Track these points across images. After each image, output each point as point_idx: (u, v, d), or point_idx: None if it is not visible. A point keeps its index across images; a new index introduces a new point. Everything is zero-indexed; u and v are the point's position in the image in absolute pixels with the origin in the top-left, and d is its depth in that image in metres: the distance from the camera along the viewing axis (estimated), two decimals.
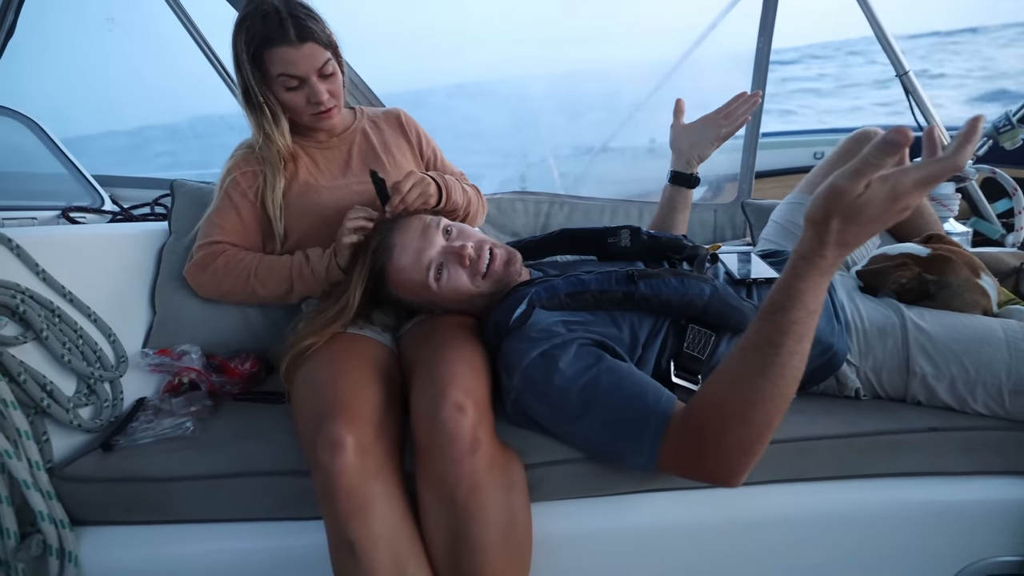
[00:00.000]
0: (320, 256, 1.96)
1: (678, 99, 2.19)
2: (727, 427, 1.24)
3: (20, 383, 1.54)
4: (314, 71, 1.92)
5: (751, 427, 1.22)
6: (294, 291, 1.99)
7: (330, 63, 1.95)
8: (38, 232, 2.10)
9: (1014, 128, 2.96)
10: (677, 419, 1.32)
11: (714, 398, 1.27)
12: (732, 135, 2.11)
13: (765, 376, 1.19)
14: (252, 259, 2.00)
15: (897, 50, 3.12)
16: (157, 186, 3.58)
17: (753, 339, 1.21)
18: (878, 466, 1.58)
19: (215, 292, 2.05)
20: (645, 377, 1.42)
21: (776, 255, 1.91)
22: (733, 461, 1.26)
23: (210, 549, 1.55)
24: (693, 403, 1.31)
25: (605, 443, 1.41)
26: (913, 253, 1.80)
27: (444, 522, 1.36)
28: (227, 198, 2.03)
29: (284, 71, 1.90)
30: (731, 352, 1.26)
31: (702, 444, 1.28)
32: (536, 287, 1.64)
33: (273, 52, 1.88)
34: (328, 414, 1.40)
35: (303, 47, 1.88)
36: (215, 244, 2.01)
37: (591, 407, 1.41)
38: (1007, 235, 3.05)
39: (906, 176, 1.06)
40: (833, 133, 4.96)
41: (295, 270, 1.97)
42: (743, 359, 1.22)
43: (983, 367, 1.56)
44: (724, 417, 1.25)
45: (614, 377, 1.41)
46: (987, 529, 1.59)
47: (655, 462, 1.34)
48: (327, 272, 1.93)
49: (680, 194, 2.21)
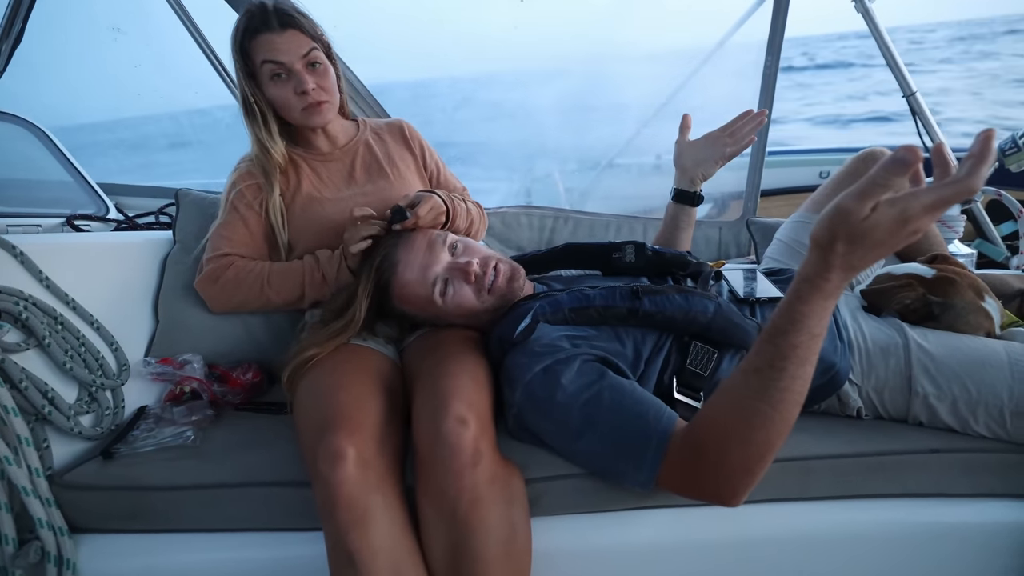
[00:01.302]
0: (330, 259, 1.97)
1: (685, 114, 2.18)
2: (728, 448, 1.24)
3: (21, 390, 1.54)
4: (298, 58, 1.93)
5: (752, 448, 1.22)
6: (306, 296, 2.00)
7: (316, 54, 1.96)
8: (42, 239, 2.10)
9: (1020, 151, 2.95)
10: (678, 438, 1.32)
11: (716, 419, 1.26)
12: (737, 155, 2.09)
13: (766, 399, 1.18)
14: (263, 268, 2.01)
15: (904, 71, 3.12)
16: (162, 195, 3.58)
17: (755, 361, 1.20)
18: (879, 487, 1.58)
19: (226, 304, 2.05)
20: (647, 395, 1.42)
21: (780, 273, 1.91)
22: (734, 481, 1.25)
23: (209, 559, 1.55)
24: (695, 423, 1.31)
25: (606, 460, 1.41)
26: (918, 274, 1.80)
27: (444, 535, 1.36)
28: (234, 210, 2.04)
29: (267, 57, 1.92)
30: (733, 373, 1.25)
31: (703, 464, 1.28)
32: (540, 301, 1.64)
33: (257, 40, 1.92)
34: (330, 425, 1.40)
35: (285, 33, 1.91)
36: (224, 256, 2.01)
37: (592, 424, 1.40)
38: (1012, 257, 3.04)
39: (916, 199, 1.03)
40: (839, 152, 4.96)
41: (307, 275, 1.97)
42: (745, 381, 1.21)
43: (985, 388, 1.56)
44: (725, 438, 1.24)
45: (616, 395, 1.41)
46: (988, 552, 1.58)
47: (655, 480, 1.33)
48: (337, 275, 1.94)
49: (683, 212, 2.20)
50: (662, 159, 4.66)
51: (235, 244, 2.03)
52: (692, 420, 1.32)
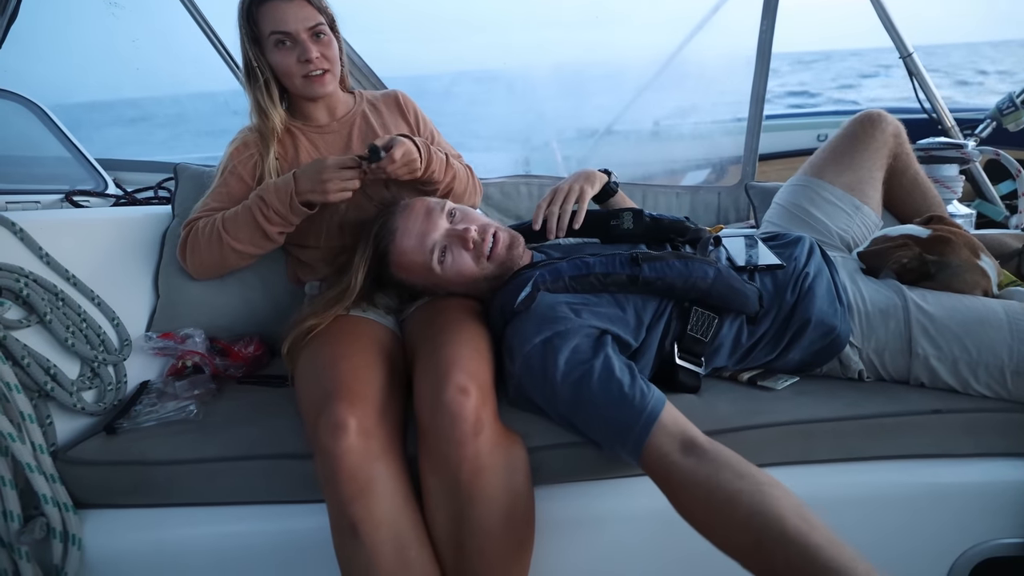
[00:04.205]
0: (277, 191, 1.87)
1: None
2: (690, 514, 1.22)
3: (24, 366, 1.54)
4: (304, 29, 1.92)
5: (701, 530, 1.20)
6: (268, 231, 1.90)
7: (322, 27, 1.95)
8: (42, 216, 2.11)
9: (1018, 110, 2.95)
10: (659, 442, 1.29)
11: (695, 500, 1.22)
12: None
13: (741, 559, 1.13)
14: (216, 217, 1.95)
15: (900, 32, 3.11)
16: (161, 170, 3.56)
17: (768, 552, 1.09)
18: (881, 448, 1.58)
19: (200, 266, 2.01)
20: (636, 379, 1.41)
21: (779, 238, 1.91)
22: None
23: (213, 532, 1.56)
24: (681, 471, 1.25)
25: (597, 435, 1.43)
26: (913, 234, 1.80)
27: (446, 504, 1.37)
28: (223, 183, 2.03)
29: (275, 28, 1.91)
30: (743, 514, 1.14)
31: (663, 488, 1.28)
32: (540, 270, 1.63)
33: (264, 8, 1.91)
34: (331, 396, 1.40)
35: (293, 3, 1.90)
36: (192, 221, 1.99)
37: (580, 403, 1.42)
38: (1011, 217, 3.04)
39: None
40: (837, 115, 4.95)
41: (256, 213, 1.89)
42: (740, 546, 1.14)
43: (985, 348, 1.56)
44: (691, 510, 1.22)
45: (605, 375, 1.41)
46: (990, 511, 1.59)
47: (639, 462, 1.33)
48: (290, 210, 1.85)
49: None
50: (660, 125, 4.65)
51: (210, 211, 2.00)
52: (681, 470, 1.25)
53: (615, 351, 1.49)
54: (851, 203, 2.05)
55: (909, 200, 2.18)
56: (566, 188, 1.90)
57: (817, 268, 1.73)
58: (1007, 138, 3.07)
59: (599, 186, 1.98)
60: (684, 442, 1.27)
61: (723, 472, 1.19)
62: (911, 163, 2.16)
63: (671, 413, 1.34)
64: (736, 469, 1.19)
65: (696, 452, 1.25)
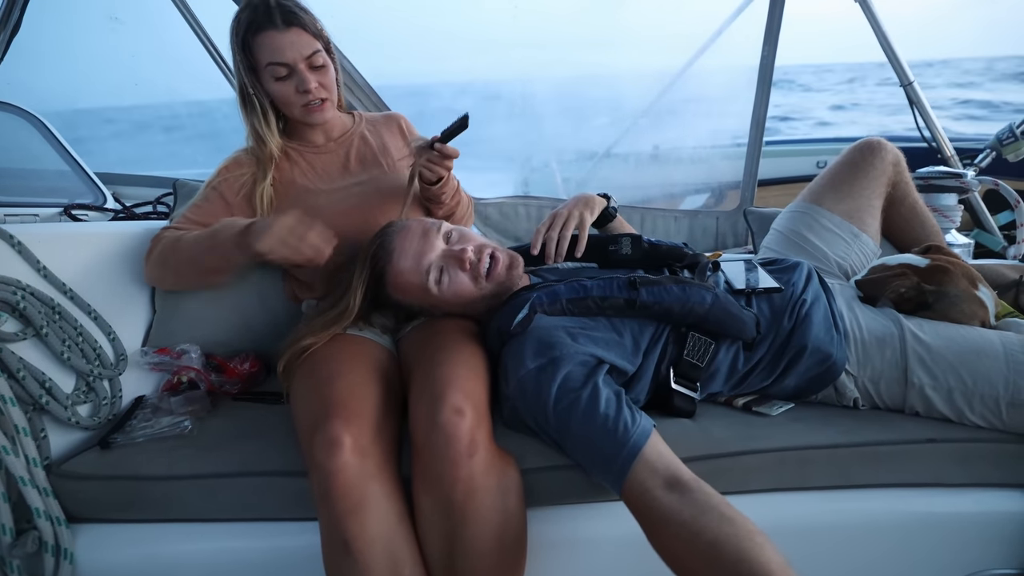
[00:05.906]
0: (231, 232, 1.76)
1: None
2: (668, 552, 1.22)
3: (19, 379, 1.54)
4: (301, 59, 1.91)
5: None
6: (231, 261, 1.84)
7: (319, 55, 1.94)
8: (40, 229, 2.10)
9: (1017, 140, 2.96)
10: (641, 476, 1.29)
11: (677, 540, 1.21)
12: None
13: None
14: (194, 231, 1.90)
15: (902, 61, 3.13)
16: (160, 185, 3.56)
17: None
18: (876, 476, 1.58)
19: (161, 275, 1.98)
20: (622, 413, 1.40)
21: (777, 263, 1.91)
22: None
23: (206, 548, 1.56)
24: (662, 507, 1.24)
25: (583, 465, 1.44)
26: (912, 263, 1.81)
27: (440, 524, 1.37)
28: (204, 198, 2.02)
29: (272, 59, 1.89)
30: (729, 560, 1.13)
31: (641, 522, 1.27)
32: (538, 292, 1.64)
33: (260, 37, 1.89)
34: (326, 413, 1.40)
35: (289, 31, 1.88)
36: (164, 232, 1.96)
37: (567, 433, 1.43)
38: (1009, 247, 3.05)
39: None
40: (836, 142, 4.97)
41: (218, 233, 1.81)
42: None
43: (981, 379, 1.57)
44: (670, 549, 1.21)
45: (591, 406, 1.41)
46: (984, 541, 1.59)
47: (620, 494, 1.33)
48: (236, 250, 1.76)
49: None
50: (659, 149, 4.66)
51: (188, 224, 1.97)
52: (669, 519, 1.23)
53: (606, 381, 1.49)
54: (849, 231, 2.06)
55: (907, 229, 2.18)
56: (565, 214, 1.90)
57: (815, 295, 1.74)
58: (1006, 168, 3.08)
59: (598, 211, 1.98)
60: (668, 478, 1.27)
61: (709, 514, 1.19)
62: (910, 192, 2.17)
63: (656, 447, 1.34)
64: (722, 512, 1.19)
65: (679, 489, 1.24)
